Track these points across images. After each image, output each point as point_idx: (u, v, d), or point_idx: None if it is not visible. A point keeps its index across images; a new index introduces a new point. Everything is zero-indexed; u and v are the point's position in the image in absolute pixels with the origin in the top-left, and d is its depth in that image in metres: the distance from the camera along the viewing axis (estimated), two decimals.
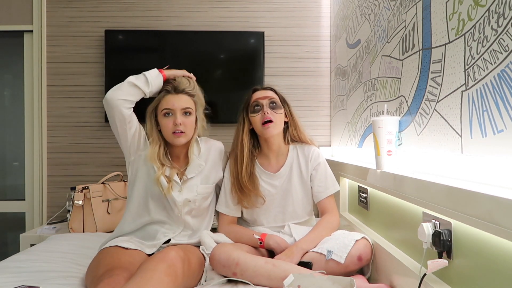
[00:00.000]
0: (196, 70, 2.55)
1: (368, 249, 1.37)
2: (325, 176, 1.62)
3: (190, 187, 1.50)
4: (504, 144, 0.82)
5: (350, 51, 2.13)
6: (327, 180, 1.62)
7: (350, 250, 1.33)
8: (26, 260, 1.51)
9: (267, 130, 1.53)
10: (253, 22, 2.66)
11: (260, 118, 1.53)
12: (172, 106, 1.44)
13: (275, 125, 1.54)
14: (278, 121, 1.55)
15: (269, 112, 1.52)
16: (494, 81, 0.86)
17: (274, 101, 1.56)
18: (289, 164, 1.62)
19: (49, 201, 2.61)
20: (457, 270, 0.95)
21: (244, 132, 1.57)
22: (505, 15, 0.82)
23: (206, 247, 1.45)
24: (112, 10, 2.63)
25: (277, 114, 1.55)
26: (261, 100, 1.55)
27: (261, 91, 1.59)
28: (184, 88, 1.48)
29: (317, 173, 1.61)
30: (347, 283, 1.16)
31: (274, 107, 1.55)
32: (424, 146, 1.20)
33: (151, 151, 1.46)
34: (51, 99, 2.61)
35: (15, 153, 2.75)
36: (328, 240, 1.44)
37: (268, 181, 1.60)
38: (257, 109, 1.55)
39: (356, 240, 1.37)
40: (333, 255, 1.33)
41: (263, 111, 1.53)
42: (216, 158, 1.60)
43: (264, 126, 1.52)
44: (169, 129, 1.44)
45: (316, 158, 1.62)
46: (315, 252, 1.40)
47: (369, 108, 1.75)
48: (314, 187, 1.62)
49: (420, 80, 1.23)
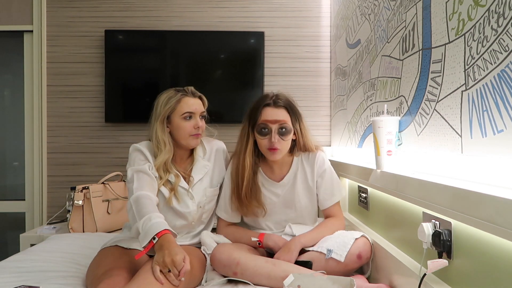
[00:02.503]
0: (196, 70, 2.54)
1: (368, 247, 1.37)
2: (331, 183, 1.56)
3: (199, 192, 1.50)
4: (504, 144, 0.82)
5: (350, 51, 2.13)
6: (333, 187, 1.57)
7: (350, 248, 1.33)
8: (26, 260, 1.51)
9: (271, 156, 1.46)
10: (253, 22, 2.66)
11: (266, 144, 1.45)
12: (195, 110, 1.45)
13: (281, 152, 1.47)
14: (284, 148, 1.47)
15: (277, 139, 1.43)
16: (494, 81, 0.86)
17: (285, 126, 1.45)
18: (293, 173, 1.56)
19: (49, 201, 2.61)
20: (457, 270, 0.95)
21: (247, 151, 1.49)
22: (505, 15, 0.82)
23: (207, 247, 1.45)
24: (112, 10, 2.63)
25: (285, 141, 1.46)
26: (271, 124, 1.44)
27: (272, 111, 1.45)
28: (199, 93, 1.51)
29: (323, 180, 1.56)
30: (347, 283, 1.16)
31: (284, 133, 1.45)
32: (424, 146, 1.20)
33: (162, 158, 1.42)
34: (51, 99, 2.61)
35: (15, 153, 2.75)
36: (328, 239, 1.44)
37: (271, 189, 1.55)
38: (265, 132, 1.45)
39: (356, 239, 1.36)
40: (333, 254, 1.33)
41: (271, 136, 1.43)
42: (219, 158, 1.60)
43: (270, 151, 1.45)
44: (189, 131, 1.44)
45: (321, 165, 1.56)
46: (315, 251, 1.39)
47: (369, 108, 1.75)
48: (319, 194, 1.57)
49: (420, 80, 1.23)
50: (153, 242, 1.16)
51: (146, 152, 1.43)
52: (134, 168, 1.39)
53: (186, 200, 1.46)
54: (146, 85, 2.60)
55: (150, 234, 1.17)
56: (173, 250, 1.13)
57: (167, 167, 1.44)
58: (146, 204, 1.27)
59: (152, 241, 1.16)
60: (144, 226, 1.20)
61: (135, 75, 2.60)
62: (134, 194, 1.31)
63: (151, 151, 1.45)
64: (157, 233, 1.16)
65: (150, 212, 1.24)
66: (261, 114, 1.45)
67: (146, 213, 1.23)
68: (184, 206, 1.45)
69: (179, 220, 1.46)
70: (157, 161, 1.42)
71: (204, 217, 1.53)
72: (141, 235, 1.19)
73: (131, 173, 1.38)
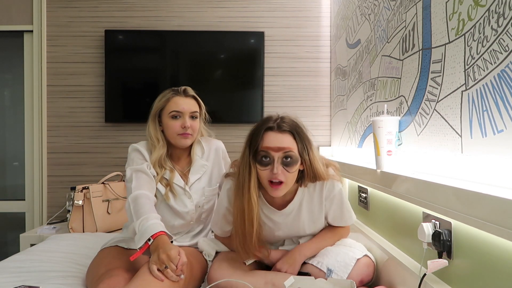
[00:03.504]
0: (196, 70, 2.54)
1: (371, 270, 1.31)
2: (340, 209, 1.36)
3: (197, 191, 1.49)
4: (504, 144, 0.82)
5: (350, 51, 2.13)
6: (343, 215, 1.37)
7: (351, 271, 1.26)
8: (26, 260, 1.51)
9: (275, 192, 1.22)
10: (253, 22, 2.66)
11: (267, 175, 1.20)
12: (182, 109, 1.43)
13: (286, 186, 1.22)
14: (290, 181, 1.22)
15: (281, 170, 1.19)
16: (494, 81, 0.86)
17: (290, 155, 1.19)
18: (298, 201, 1.32)
19: (49, 201, 2.61)
20: (457, 270, 0.95)
21: (252, 184, 1.22)
22: (505, 15, 0.82)
23: (207, 255, 1.45)
24: (112, 10, 2.63)
25: (290, 173, 1.20)
26: (273, 152, 1.19)
27: (276, 136, 1.20)
28: (193, 93, 1.49)
29: (332, 204, 1.34)
30: (347, 285, 1.16)
31: (289, 163, 1.19)
32: (424, 146, 1.20)
33: (156, 154, 1.43)
34: (51, 99, 2.61)
35: (15, 153, 2.75)
36: (329, 253, 1.33)
37: (270, 216, 1.34)
38: (266, 162, 1.20)
39: (358, 259, 1.29)
40: (333, 275, 1.26)
41: (273, 167, 1.18)
42: (218, 157, 1.60)
43: (271, 186, 1.21)
44: (176, 131, 1.43)
45: (330, 189, 1.32)
46: (315, 266, 1.31)
47: (369, 108, 1.75)
48: (329, 218, 1.39)
49: (420, 80, 1.23)
50: (148, 243, 1.16)
51: (144, 152, 1.44)
52: (133, 167, 1.39)
53: (183, 199, 1.46)
54: (146, 85, 2.60)
55: (146, 236, 1.17)
56: (167, 246, 1.13)
57: (162, 163, 1.45)
58: (143, 204, 1.27)
59: (147, 243, 1.16)
60: (141, 227, 1.19)
61: (135, 75, 2.60)
62: (133, 193, 1.31)
63: (149, 150, 1.45)
64: (152, 235, 1.16)
65: (147, 213, 1.23)
66: (263, 140, 1.21)
67: (143, 213, 1.23)
68: (181, 205, 1.45)
69: (177, 220, 1.46)
70: (152, 158, 1.43)
71: (203, 216, 1.53)
72: (137, 236, 1.19)
73: (130, 173, 1.38)
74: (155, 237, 1.16)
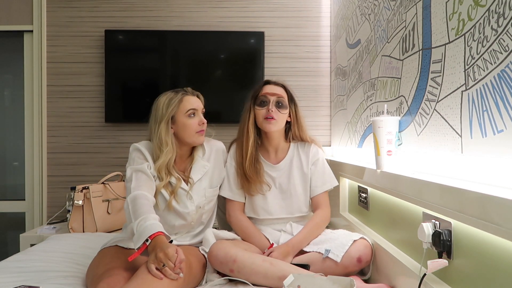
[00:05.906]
0: (196, 70, 2.55)
1: (368, 250, 1.37)
2: (323, 171, 1.65)
3: (198, 192, 1.50)
4: (504, 144, 0.82)
5: (350, 51, 2.13)
6: (324, 176, 1.65)
7: (347, 249, 1.34)
8: (26, 260, 1.51)
9: (267, 125, 1.56)
10: (253, 22, 2.66)
11: (264, 113, 1.57)
12: (197, 106, 1.48)
13: (276, 123, 1.57)
14: (280, 120, 1.58)
15: (274, 110, 1.56)
16: (494, 81, 0.86)
17: (281, 101, 1.59)
18: (289, 159, 1.65)
19: (49, 201, 2.61)
20: (457, 270, 0.95)
21: (250, 121, 1.60)
22: (505, 15, 0.82)
23: (208, 245, 1.45)
24: (112, 10, 2.63)
25: (281, 114, 1.58)
26: (269, 96, 1.58)
27: (272, 86, 1.62)
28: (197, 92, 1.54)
29: (316, 168, 1.65)
30: (347, 283, 1.16)
31: (280, 106, 1.58)
32: (424, 146, 1.20)
33: (164, 159, 1.42)
34: (51, 99, 2.61)
35: (15, 153, 2.75)
36: (328, 240, 1.47)
37: (268, 171, 1.63)
38: (263, 104, 1.58)
39: (354, 240, 1.37)
40: (330, 254, 1.34)
41: (268, 108, 1.56)
42: (218, 158, 1.61)
43: (266, 120, 1.56)
44: (194, 128, 1.46)
45: (315, 154, 1.66)
46: (315, 251, 1.42)
47: (369, 108, 1.75)
48: (312, 182, 1.65)
49: (420, 80, 1.23)
50: (146, 244, 1.16)
51: (145, 152, 1.44)
52: (133, 167, 1.39)
53: (184, 201, 1.46)
54: (146, 85, 2.60)
55: (144, 236, 1.17)
56: (164, 245, 1.14)
57: (169, 169, 1.44)
58: (142, 204, 1.27)
59: (145, 243, 1.16)
60: (139, 227, 1.20)
61: (135, 75, 2.60)
62: (132, 193, 1.31)
63: (150, 151, 1.45)
64: (150, 235, 1.16)
65: (145, 213, 1.23)
66: (262, 89, 1.61)
67: (141, 213, 1.23)
68: (182, 206, 1.45)
69: (178, 220, 1.46)
70: (159, 162, 1.41)
71: (204, 217, 1.53)
72: (135, 236, 1.19)
73: (130, 172, 1.39)
74: (153, 237, 1.16)
